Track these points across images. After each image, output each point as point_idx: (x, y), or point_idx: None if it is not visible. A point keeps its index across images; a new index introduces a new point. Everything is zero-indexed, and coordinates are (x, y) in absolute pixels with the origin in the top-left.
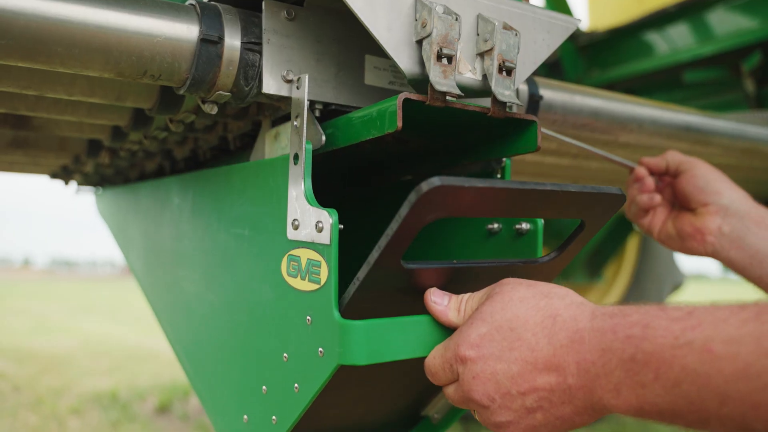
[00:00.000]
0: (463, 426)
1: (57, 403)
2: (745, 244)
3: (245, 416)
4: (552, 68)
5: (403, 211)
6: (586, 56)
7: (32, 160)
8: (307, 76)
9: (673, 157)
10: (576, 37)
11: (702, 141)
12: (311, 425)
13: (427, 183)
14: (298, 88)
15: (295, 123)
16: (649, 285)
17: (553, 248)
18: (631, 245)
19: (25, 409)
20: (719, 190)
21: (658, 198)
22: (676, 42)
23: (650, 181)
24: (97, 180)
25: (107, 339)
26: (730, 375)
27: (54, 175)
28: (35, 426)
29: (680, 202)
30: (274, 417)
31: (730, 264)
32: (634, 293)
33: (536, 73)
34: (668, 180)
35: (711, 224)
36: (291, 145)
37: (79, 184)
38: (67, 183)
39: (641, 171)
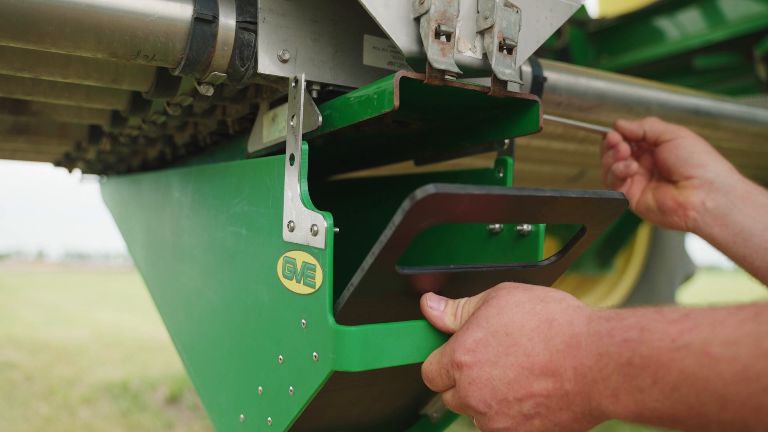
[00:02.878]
0: (470, 425)
1: (69, 393)
2: (729, 221)
3: (242, 416)
4: (561, 55)
5: (397, 218)
6: (595, 43)
7: (34, 147)
8: (303, 75)
9: (653, 126)
10: (585, 23)
11: (711, 125)
12: (308, 425)
13: (421, 190)
14: (295, 86)
15: (291, 123)
16: (660, 275)
17: (564, 237)
18: (642, 235)
19: (37, 399)
20: (704, 163)
21: (634, 166)
22: (687, 27)
23: (625, 148)
24: (101, 168)
25: (119, 330)
26: (729, 378)
27: (57, 163)
28: (47, 415)
29: (661, 173)
30: (269, 418)
31: (712, 241)
32: (645, 284)
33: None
34: (646, 146)
35: (694, 199)
36: (287, 146)
37: (83, 172)
38: (70, 171)
39: (614, 137)
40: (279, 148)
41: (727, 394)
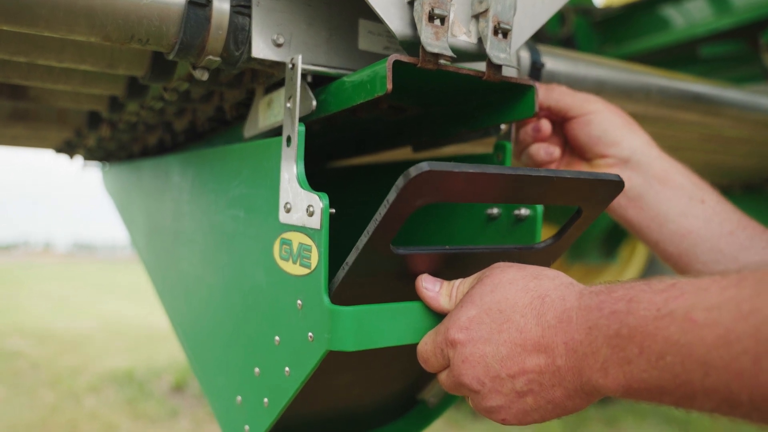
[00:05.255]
0: (473, 413)
1: (74, 382)
2: (644, 204)
3: (239, 397)
4: (566, 44)
5: (391, 196)
6: (600, 32)
7: (34, 133)
8: (300, 57)
9: (560, 100)
10: (590, 12)
11: (712, 112)
12: (304, 408)
13: (415, 168)
14: (292, 68)
15: (288, 104)
16: (665, 266)
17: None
18: None
19: (43, 387)
20: (618, 140)
21: (557, 153)
22: (692, 15)
23: (547, 127)
24: (102, 155)
25: (125, 320)
26: (711, 343)
27: (59, 150)
28: (52, 403)
29: (573, 150)
30: (266, 399)
31: (626, 224)
32: (650, 275)
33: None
34: (554, 119)
35: None
36: (284, 127)
37: (85, 159)
38: (72, 157)
39: None
40: (275, 134)
41: (710, 360)
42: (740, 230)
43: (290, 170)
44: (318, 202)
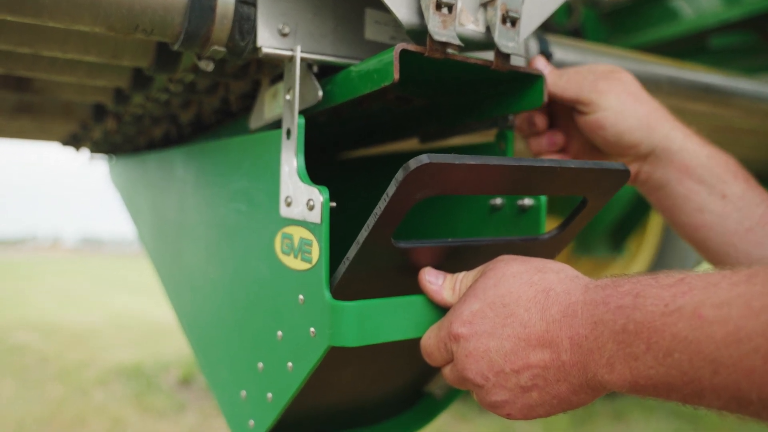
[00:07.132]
0: (479, 407)
1: (82, 375)
2: (665, 194)
3: (243, 392)
4: (573, 36)
5: (391, 189)
6: (608, 23)
7: (40, 126)
8: (299, 48)
9: (567, 89)
10: (599, 3)
11: (722, 102)
12: (308, 402)
13: (415, 160)
14: (290, 60)
15: (287, 97)
16: (673, 259)
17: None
18: (655, 217)
19: (51, 381)
20: (636, 142)
21: (560, 139)
22: (702, 6)
23: (541, 121)
24: (108, 148)
25: (132, 314)
26: (720, 340)
27: (65, 143)
28: (60, 397)
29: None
30: (269, 394)
31: (651, 203)
32: (658, 268)
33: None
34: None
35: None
36: (284, 120)
37: (92, 151)
38: (78, 150)
39: None
40: (281, 125)
41: (719, 357)
42: (760, 227)
43: (290, 163)
44: (318, 195)
